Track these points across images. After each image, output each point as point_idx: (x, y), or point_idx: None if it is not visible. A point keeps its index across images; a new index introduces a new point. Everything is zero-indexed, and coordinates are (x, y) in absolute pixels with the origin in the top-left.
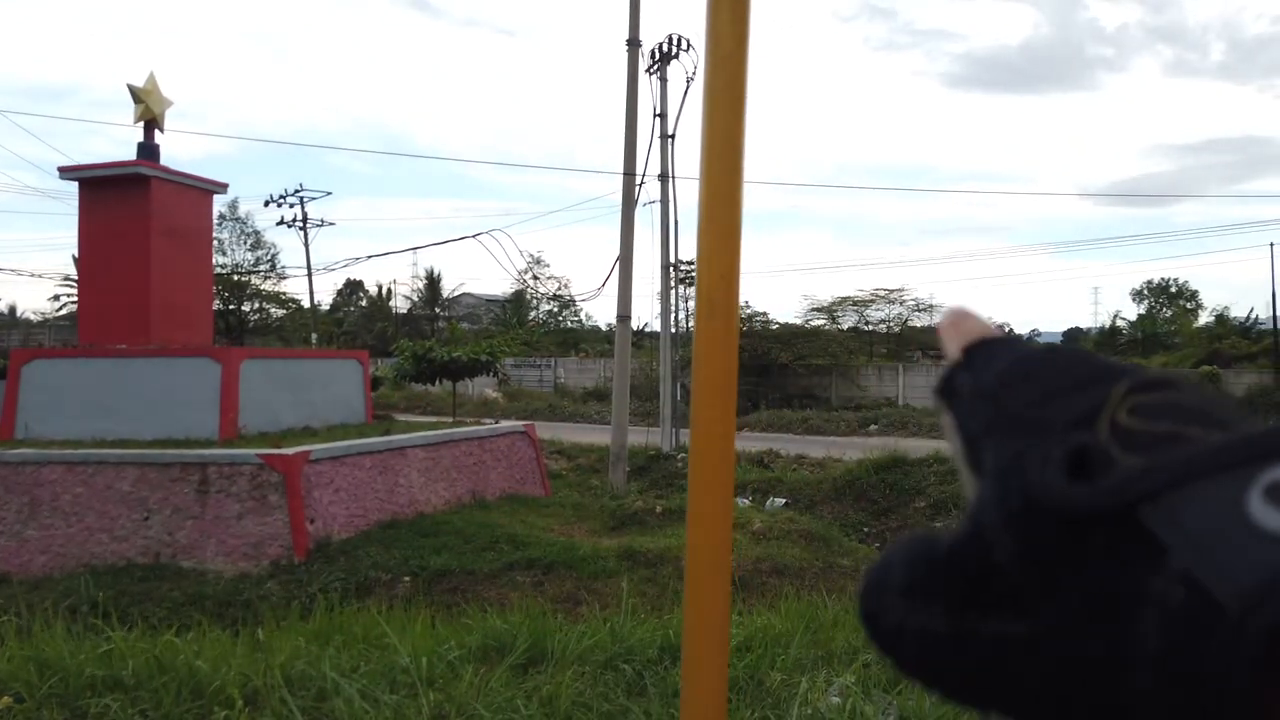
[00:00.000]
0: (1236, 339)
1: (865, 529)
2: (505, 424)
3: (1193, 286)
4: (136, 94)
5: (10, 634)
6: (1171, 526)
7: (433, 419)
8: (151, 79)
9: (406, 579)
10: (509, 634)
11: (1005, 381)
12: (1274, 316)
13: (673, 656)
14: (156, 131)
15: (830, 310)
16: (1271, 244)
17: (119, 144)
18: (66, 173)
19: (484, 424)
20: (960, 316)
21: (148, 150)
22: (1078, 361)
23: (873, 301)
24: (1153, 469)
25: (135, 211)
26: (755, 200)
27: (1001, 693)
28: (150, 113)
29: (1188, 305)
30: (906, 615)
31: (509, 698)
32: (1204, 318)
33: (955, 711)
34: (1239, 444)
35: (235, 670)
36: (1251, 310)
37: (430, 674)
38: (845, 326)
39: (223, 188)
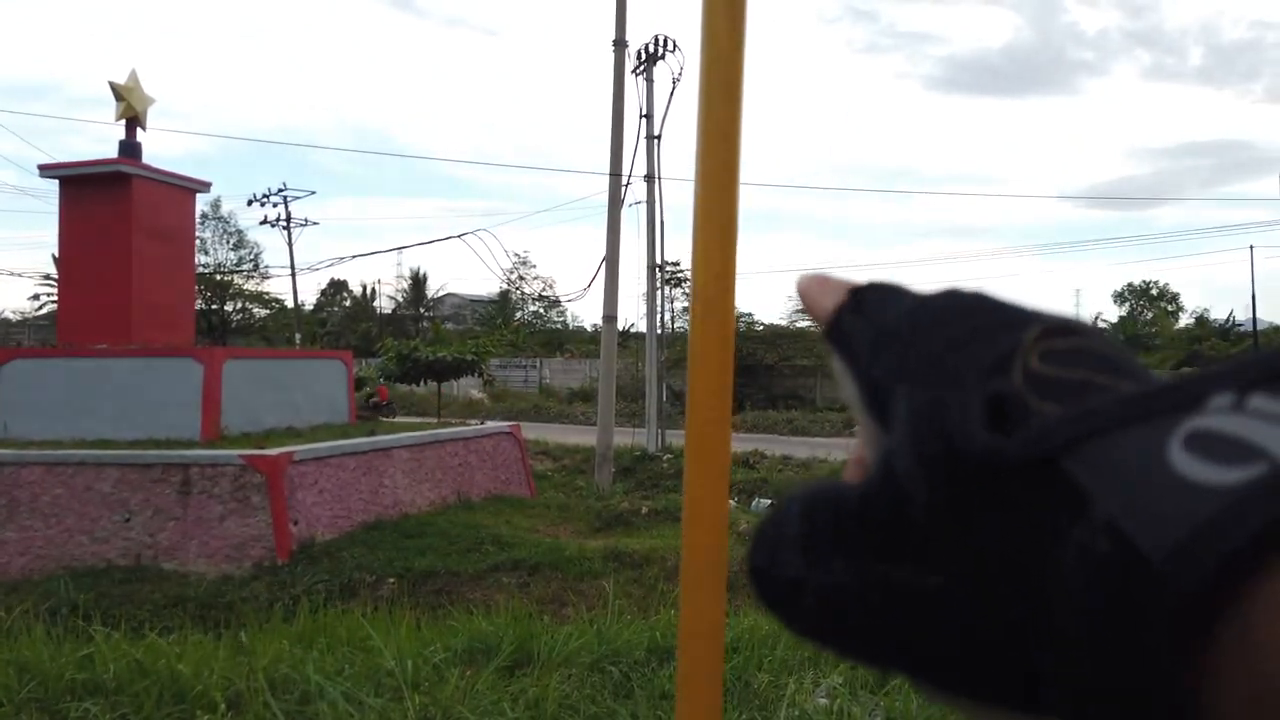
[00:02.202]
0: (1216, 341)
1: None
2: (490, 424)
3: (1174, 289)
4: (118, 91)
5: None
6: (1094, 475)
7: (418, 419)
8: (133, 76)
9: (391, 580)
10: (495, 636)
11: (913, 324)
12: (1253, 319)
13: (660, 658)
14: (138, 129)
15: None
16: (1251, 247)
17: (100, 142)
18: (47, 171)
19: (469, 424)
20: (823, 278)
21: (129, 148)
22: (984, 305)
23: None
24: (1072, 418)
25: (117, 210)
26: (741, 202)
27: (907, 649)
28: (132, 110)
29: (1168, 307)
30: (805, 570)
31: (495, 700)
32: (1184, 320)
33: (943, 712)
34: (1158, 392)
35: (218, 673)
36: (1231, 313)
37: (415, 677)
38: None
39: (205, 186)
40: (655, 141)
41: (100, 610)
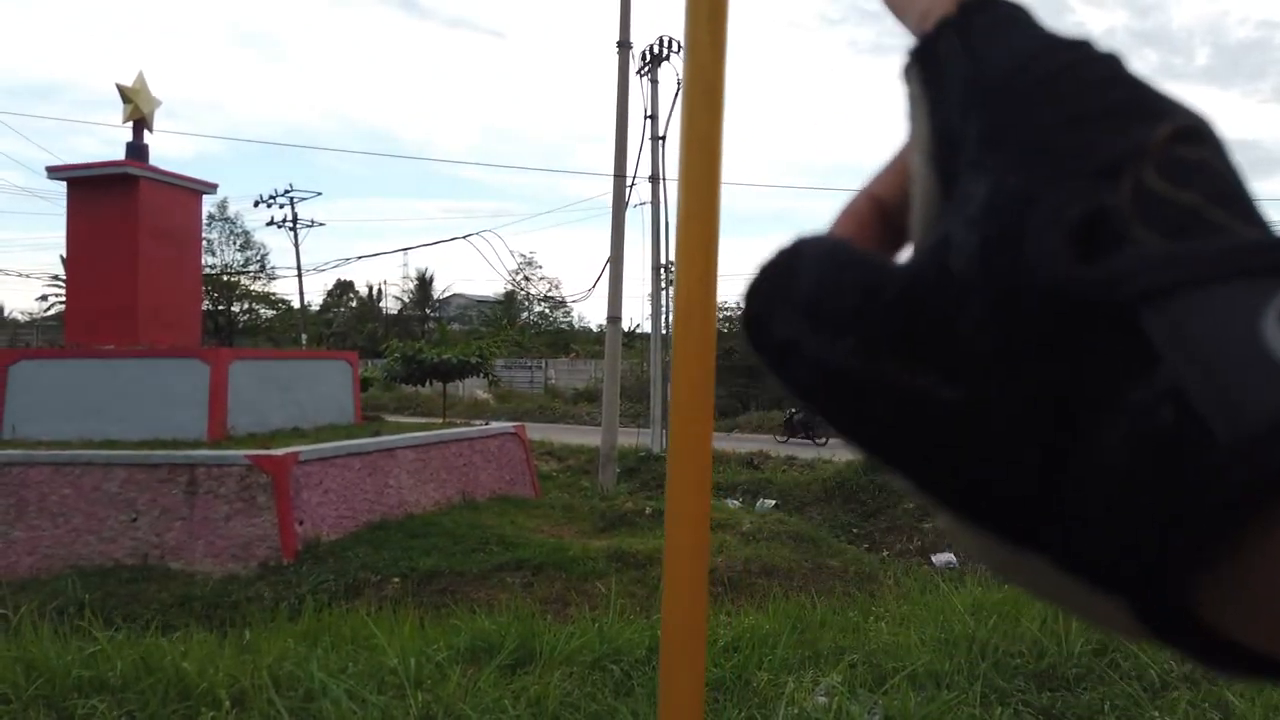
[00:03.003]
0: None
1: (854, 530)
2: (495, 425)
3: None
4: (125, 93)
5: None
6: (1171, 335)
7: (423, 420)
8: (140, 78)
9: (395, 580)
10: (497, 635)
11: (1028, 77)
12: None
13: None
14: (145, 131)
15: None
16: None
17: (108, 144)
18: (55, 172)
19: (474, 425)
20: None
21: (136, 150)
22: (1116, 75)
23: None
24: (1164, 261)
25: (124, 212)
26: (746, 203)
27: (902, 450)
28: (139, 112)
29: None
30: (808, 336)
31: (496, 698)
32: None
33: (942, 709)
34: (1265, 249)
35: (222, 671)
36: None
37: (418, 675)
38: None
39: (212, 188)
40: (660, 142)
41: (107, 609)
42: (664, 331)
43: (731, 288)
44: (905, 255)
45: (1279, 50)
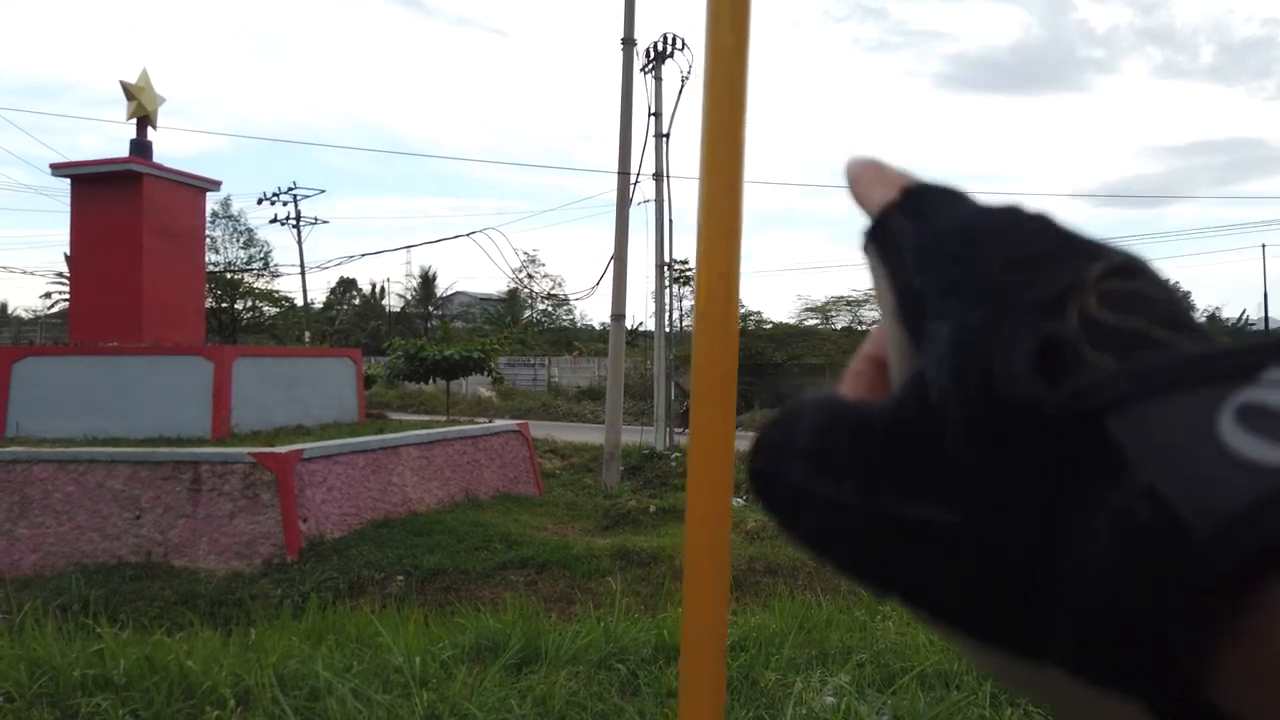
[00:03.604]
0: (1229, 340)
1: None
2: (499, 423)
3: (1185, 287)
4: (129, 91)
5: (0, 633)
6: (1139, 439)
7: (426, 418)
8: (144, 76)
9: (399, 578)
10: (502, 633)
11: (970, 236)
12: (1265, 317)
13: (667, 656)
14: (149, 128)
15: (824, 310)
16: (1264, 245)
17: (112, 141)
18: (59, 170)
19: (477, 423)
20: (875, 164)
21: (140, 147)
22: (1047, 228)
23: (866, 301)
24: (1122, 375)
25: (128, 209)
26: (749, 201)
27: (909, 580)
28: (143, 110)
29: None
30: (812, 483)
31: (502, 697)
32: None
33: (952, 710)
34: (1213, 357)
35: (227, 670)
36: (1244, 311)
37: (424, 674)
38: (839, 326)
39: (216, 185)
40: (664, 140)
41: (111, 607)
42: (667, 329)
43: (747, 285)
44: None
45: None
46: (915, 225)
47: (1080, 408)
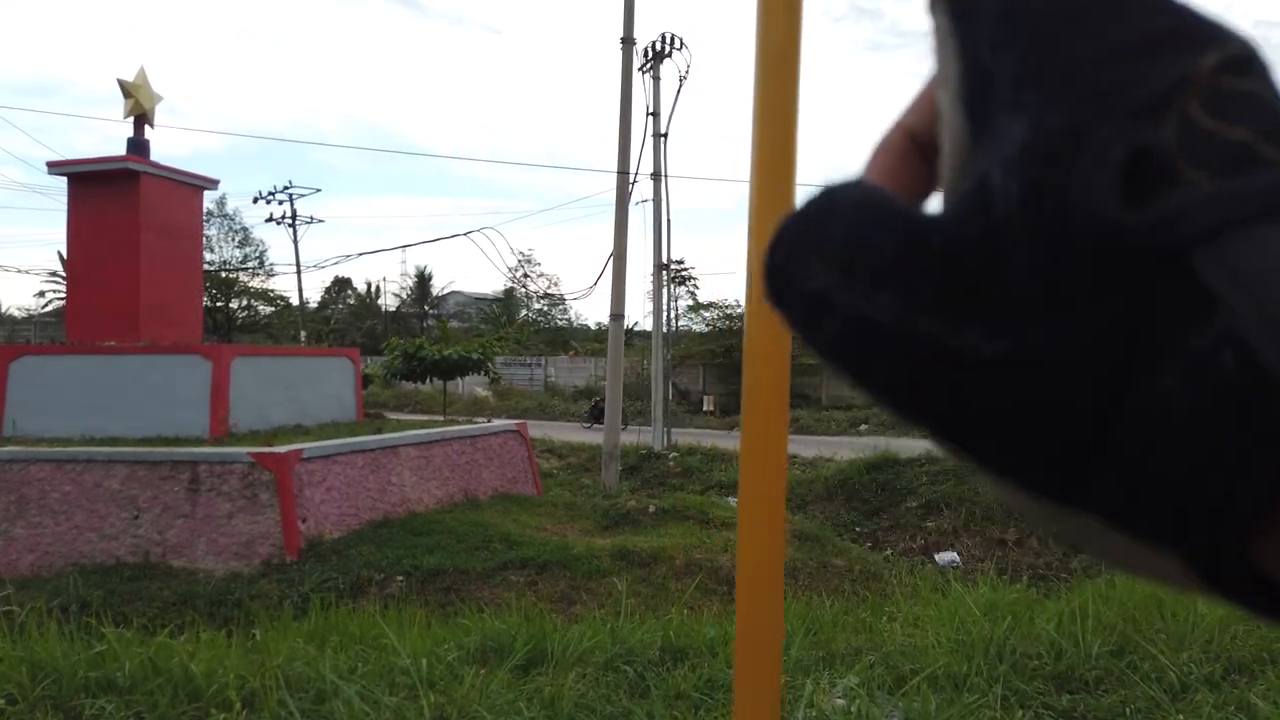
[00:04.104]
0: None
1: (857, 529)
2: (497, 423)
3: None
4: (126, 89)
5: (1, 634)
6: (1227, 277)
7: (423, 417)
8: (142, 74)
9: (400, 578)
10: (507, 635)
11: (1065, 7)
12: None
13: (674, 658)
14: (146, 127)
15: None
16: None
17: (108, 140)
18: (56, 168)
19: (476, 423)
20: None
21: (138, 146)
22: (1158, 5)
23: None
24: (1217, 200)
25: (125, 207)
26: (740, 200)
27: (943, 412)
28: (140, 108)
29: None
30: (839, 290)
31: (511, 699)
32: None
33: (964, 712)
34: None
35: (232, 672)
36: None
37: (430, 675)
38: None
39: (213, 184)
40: (662, 139)
41: (109, 608)
42: (665, 329)
43: (730, 286)
44: (938, 197)
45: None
46: None
47: (1165, 239)
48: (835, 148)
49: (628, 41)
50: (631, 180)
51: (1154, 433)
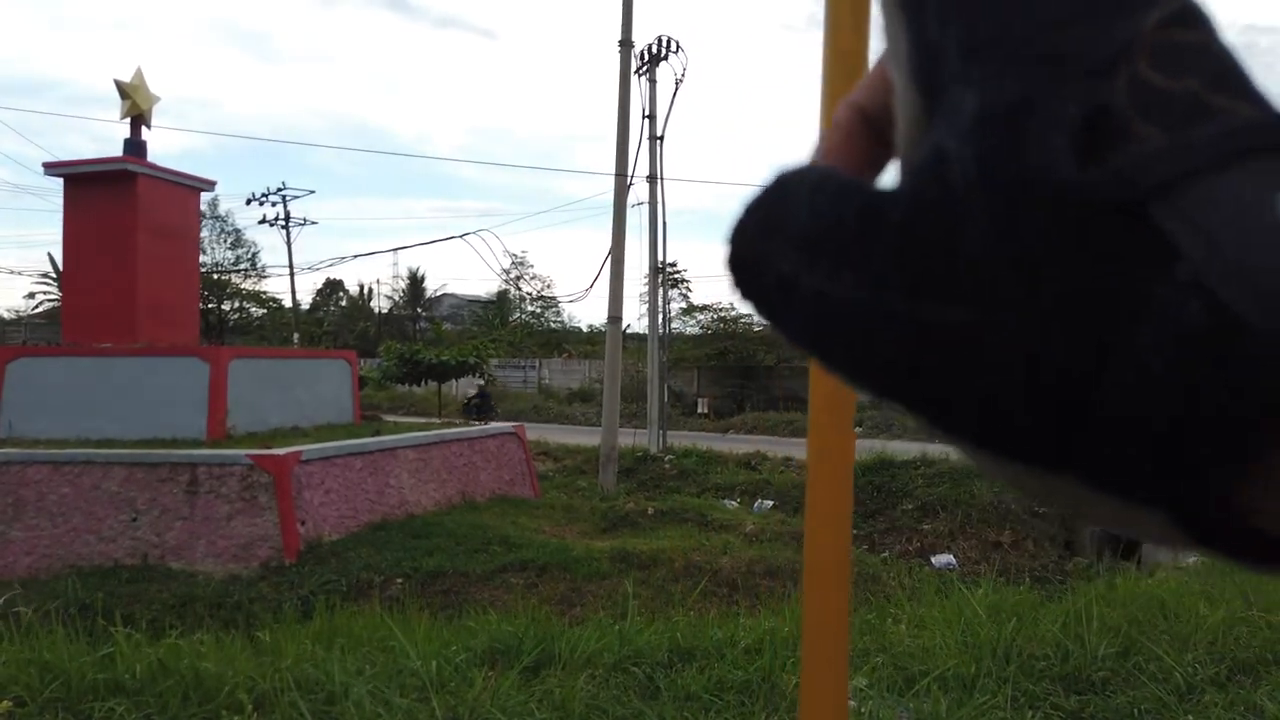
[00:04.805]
0: None
1: (854, 531)
2: (494, 425)
3: None
4: (123, 90)
5: (9, 637)
6: (1187, 227)
7: (419, 420)
8: (139, 74)
9: (399, 580)
10: (515, 637)
11: None
12: None
13: (683, 659)
14: (144, 128)
15: None
16: None
17: (97, 140)
18: (52, 169)
19: (473, 425)
20: None
21: (135, 147)
22: None
23: None
24: (1170, 151)
25: (122, 208)
26: (734, 203)
27: (914, 385)
28: (137, 109)
29: None
30: (804, 270)
31: (522, 701)
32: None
33: (974, 713)
34: (1269, 125)
35: (241, 673)
36: None
37: (439, 677)
38: None
39: (210, 185)
40: (658, 142)
41: (108, 610)
42: (660, 332)
43: (724, 289)
44: (893, 172)
45: (1266, 55)
46: None
47: (1122, 190)
48: None
49: (626, 44)
50: (629, 183)
51: (1129, 388)
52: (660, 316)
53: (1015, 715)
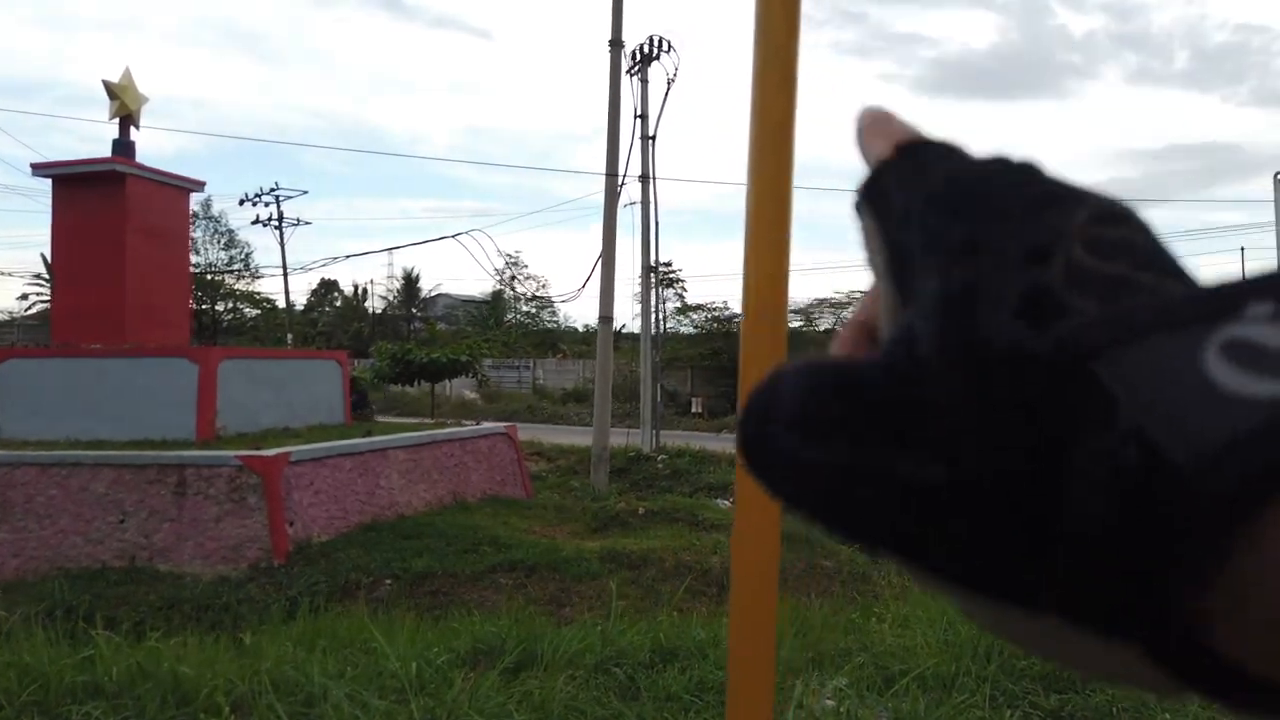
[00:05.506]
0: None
1: None
2: (486, 425)
3: None
4: (112, 90)
5: None
6: (1125, 382)
7: (412, 420)
8: (127, 74)
9: (388, 581)
10: (497, 637)
11: (956, 193)
12: None
13: (665, 659)
14: (132, 128)
15: (807, 312)
16: (1242, 249)
17: (86, 140)
18: (40, 170)
19: (464, 425)
20: (884, 117)
21: (123, 147)
22: (1033, 178)
23: (848, 304)
24: (1107, 320)
25: (110, 209)
26: (728, 203)
27: (901, 537)
28: (126, 109)
29: None
30: (799, 445)
31: (500, 703)
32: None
33: (952, 713)
34: (1196, 298)
35: (221, 676)
36: None
37: (419, 678)
38: (822, 329)
39: (200, 185)
40: (650, 142)
41: (95, 612)
42: (653, 331)
43: (719, 288)
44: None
45: (1258, 54)
46: (905, 181)
47: (1065, 354)
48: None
49: (616, 44)
50: (620, 182)
51: (1083, 530)
52: (653, 316)
53: (994, 714)
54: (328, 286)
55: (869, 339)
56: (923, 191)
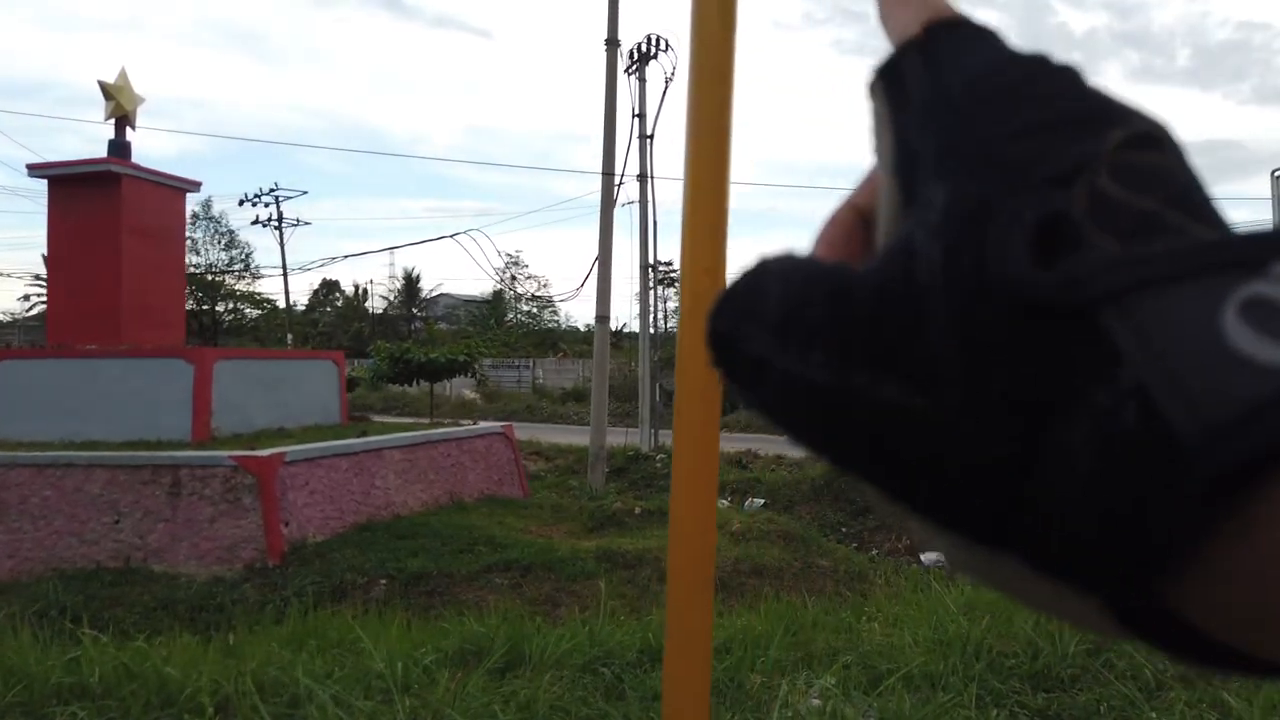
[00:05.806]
0: None
1: (844, 529)
2: (483, 425)
3: None
4: (108, 90)
5: None
6: (1133, 335)
7: (410, 420)
8: (123, 75)
9: (383, 581)
10: (486, 637)
11: (982, 93)
12: None
13: (652, 659)
14: (128, 129)
15: None
16: None
17: (89, 141)
18: (36, 170)
19: (462, 425)
20: None
21: (119, 148)
22: (1070, 88)
23: None
24: (1123, 262)
25: (106, 210)
26: (731, 201)
27: (871, 461)
28: (122, 109)
29: None
30: (775, 351)
31: (485, 703)
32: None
33: (938, 712)
34: (1219, 246)
35: (206, 677)
36: None
37: (406, 679)
38: None
39: (196, 186)
40: (648, 141)
41: (89, 613)
42: (652, 330)
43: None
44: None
45: (1259, 51)
46: (930, 70)
47: (1073, 298)
48: (821, 151)
49: (612, 43)
50: (617, 182)
51: (1064, 483)
52: (652, 315)
53: (980, 714)
54: (328, 287)
55: (860, 226)
56: (944, 86)
